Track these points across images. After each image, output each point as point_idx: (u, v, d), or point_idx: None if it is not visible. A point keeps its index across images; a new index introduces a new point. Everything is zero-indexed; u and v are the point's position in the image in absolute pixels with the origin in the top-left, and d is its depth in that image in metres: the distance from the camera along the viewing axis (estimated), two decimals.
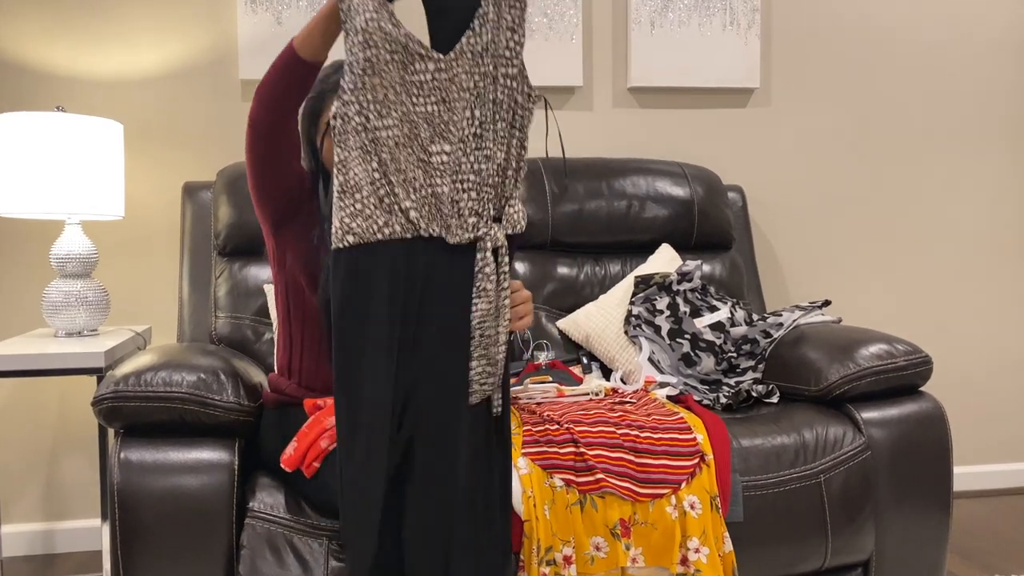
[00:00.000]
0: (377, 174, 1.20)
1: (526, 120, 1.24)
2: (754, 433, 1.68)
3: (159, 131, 2.34)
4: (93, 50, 2.30)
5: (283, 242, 1.51)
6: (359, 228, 1.20)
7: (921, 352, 1.80)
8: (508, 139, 1.23)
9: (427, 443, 1.21)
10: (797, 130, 2.69)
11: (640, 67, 2.54)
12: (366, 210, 1.20)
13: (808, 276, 2.72)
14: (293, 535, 1.44)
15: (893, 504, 1.70)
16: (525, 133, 1.23)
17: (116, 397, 1.44)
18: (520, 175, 1.24)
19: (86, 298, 1.99)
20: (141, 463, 1.43)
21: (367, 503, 1.19)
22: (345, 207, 1.20)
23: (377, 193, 1.20)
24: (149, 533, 1.40)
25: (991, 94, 2.80)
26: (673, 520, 1.50)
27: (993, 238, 2.84)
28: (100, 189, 1.98)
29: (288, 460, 1.42)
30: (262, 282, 2.07)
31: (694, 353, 1.97)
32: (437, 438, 1.21)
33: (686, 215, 2.31)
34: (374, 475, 1.19)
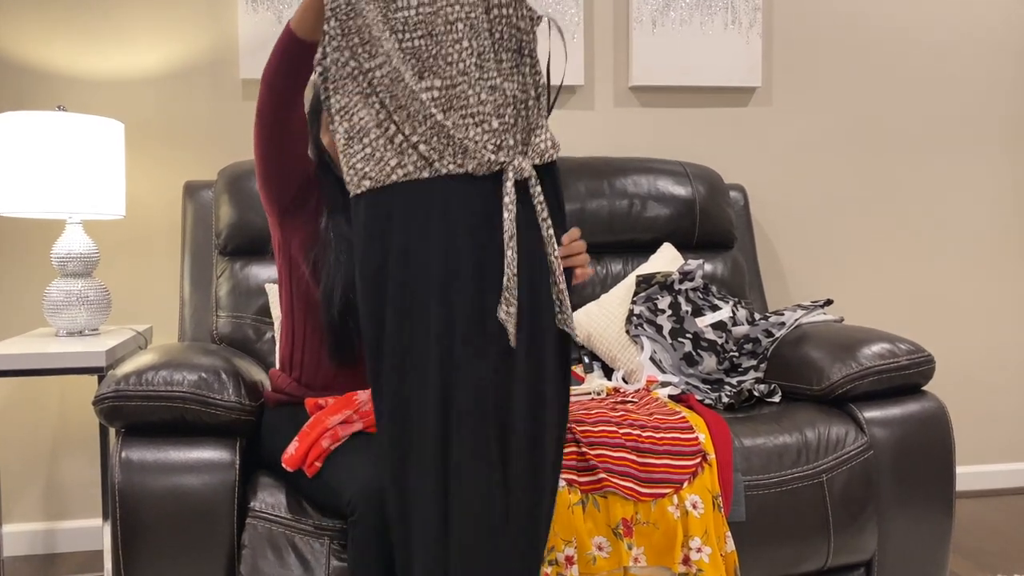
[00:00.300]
0: (382, 115, 1.18)
1: (533, 45, 1.19)
2: (756, 432, 1.68)
3: (160, 130, 2.34)
4: (94, 49, 2.30)
5: (288, 232, 1.51)
6: (373, 172, 1.17)
7: (923, 351, 1.79)
8: (518, 67, 1.19)
9: (465, 391, 1.17)
10: (799, 129, 2.69)
11: (642, 66, 2.54)
12: (376, 152, 1.17)
13: (810, 275, 2.71)
14: (294, 535, 1.43)
15: (895, 504, 1.70)
16: (536, 58, 1.18)
17: (117, 396, 1.44)
18: (542, 102, 1.19)
19: (87, 297, 1.99)
20: (142, 462, 1.42)
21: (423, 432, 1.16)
22: (355, 152, 1.18)
23: (386, 134, 1.17)
24: (150, 533, 1.40)
25: (993, 93, 2.80)
26: (675, 520, 1.49)
27: (995, 237, 2.83)
28: (101, 188, 1.97)
29: (289, 460, 1.42)
30: (263, 281, 2.07)
31: (696, 352, 1.97)
32: (475, 382, 1.17)
33: (688, 214, 2.30)
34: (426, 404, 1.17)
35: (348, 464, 1.36)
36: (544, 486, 1.26)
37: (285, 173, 1.45)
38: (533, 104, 1.20)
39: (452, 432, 1.17)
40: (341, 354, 1.49)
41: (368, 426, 1.43)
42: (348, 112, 1.19)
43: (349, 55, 1.18)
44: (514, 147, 1.18)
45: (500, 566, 1.20)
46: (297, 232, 1.50)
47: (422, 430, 1.18)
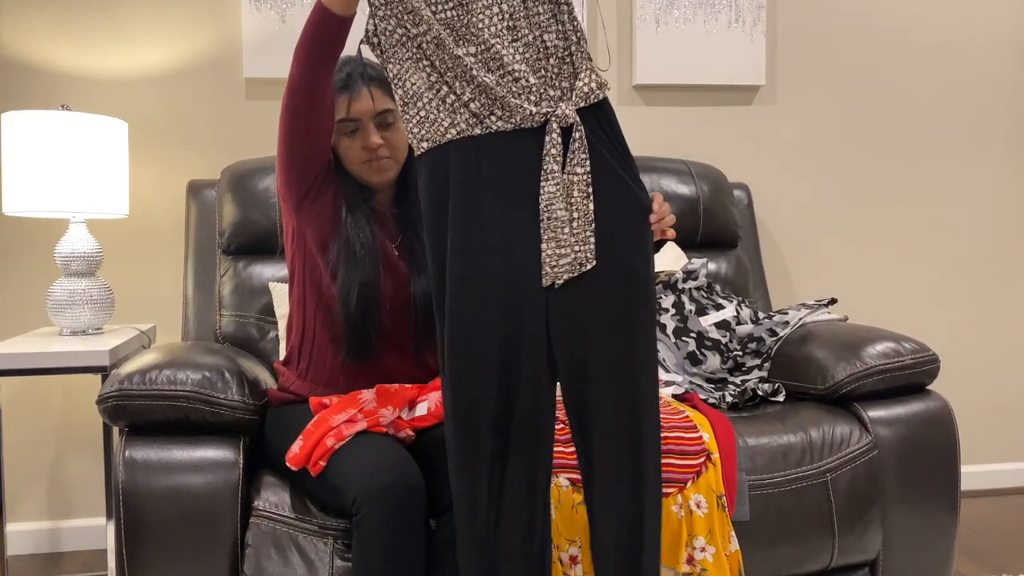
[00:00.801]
0: (433, 77, 1.22)
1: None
2: (760, 432, 1.67)
3: (163, 129, 2.34)
4: (98, 49, 2.30)
5: (304, 222, 1.49)
6: (429, 133, 1.22)
7: (928, 351, 1.79)
8: (555, 16, 1.22)
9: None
10: (803, 128, 2.68)
11: (645, 65, 2.53)
12: (431, 115, 1.22)
13: (814, 274, 2.71)
14: (298, 534, 1.43)
15: (900, 503, 1.69)
16: (571, 5, 1.22)
17: (121, 395, 1.44)
18: (583, 45, 1.22)
19: (91, 296, 1.99)
20: (146, 462, 1.42)
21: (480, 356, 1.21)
22: (411, 117, 1.23)
23: (439, 95, 1.22)
24: (154, 532, 1.40)
25: (998, 92, 2.79)
26: (679, 519, 1.49)
27: (1000, 235, 2.82)
28: (104, 188, 1.97)
29: (294, 459, 1.42)
30: (267, 280, 2.07)
31: (700, 352, 1.96)
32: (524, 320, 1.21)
33: (691, 213, 2.30)
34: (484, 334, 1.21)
35: (352, 463, 1.35)
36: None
37: (309, 155, 1.44)
38: (576, 49, 1.22)
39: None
40: (356, 351, 1.49)
41: (372, 425, 1.43)
42: (401, 79, 1.24)
43: (396, 23, 1.22)
44: (557, 96, 1.22)
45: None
46: (312, 223, 1.49)
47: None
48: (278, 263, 2.09)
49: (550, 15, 1.22)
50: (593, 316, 1.21)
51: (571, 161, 1.20)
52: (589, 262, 1.21)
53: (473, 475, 1.22)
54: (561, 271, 1.20)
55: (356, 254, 1.47)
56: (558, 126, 1.19)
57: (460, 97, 1.21)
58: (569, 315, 1.21)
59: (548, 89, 1.21)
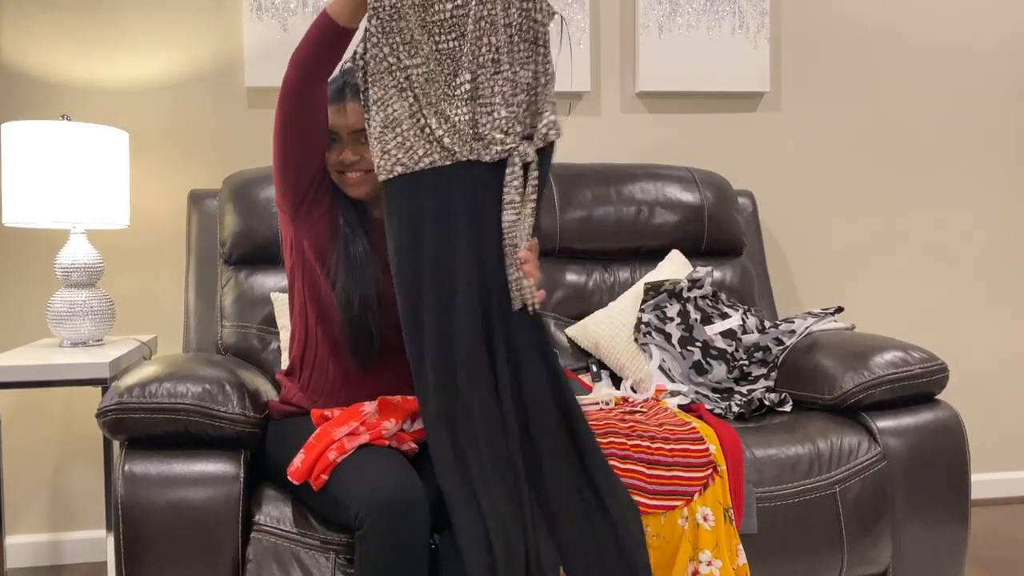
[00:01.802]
0: (414, 107, 1.32)
1: (547, 36, 1.33)
2: (768, 443, 1.66)
3: (165, 139, 2.33)
4: (99, 59, 2.29)
5: (301, 231, 1.48)
6: (405, 159, 1.32)
7: (937, 360, 1.77)
8: (532, 56, 1.32)
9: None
10: (808, 134, 2.67)
11: (648, 72, 2.52)
12: (407, 142, 1.32)
13: (820, 281, 2.69)
14: (300, 549, 1.41)
15: (910, 515, 1.67)
16: (548, 48, 1.33)
17: (120, 409, 1.43)
18: (549, 87, 1.33)
19: (91, 308, 1.98)
20: (146, 476, 1.41)
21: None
22: (389, 140, 1.32)
23: (417, 125, 1.32)
24: (154, 547, 1.38)
25: (1004, 97, 2.77)
26: (685, 532, 1.47)
27: (1007, 241, 2.80)
28: (105, 198, 1.96)
29: (295, 472, 1.40)
30: (268, 290, 2.06)
31: (705, 361, 1.94)
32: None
33: (696, 221, 2.28)
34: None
35: (355, 477, 1.34)
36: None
37: (302, 159, 1.43)
38: (542, 90, 1.34)
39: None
40: (361, 352, 1.48)
41: (375, 438, 1.42)
42: (384, 103, 1.33)
43: (388, 51, 1.32)
44: (520, 132, 1.33)
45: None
46: (310, 232, 1.48)
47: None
48: (280, 273, 2.07)
49: (528, 54, 1.32)
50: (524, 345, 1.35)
51: (528, 195, 1.32)
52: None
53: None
54: (524, 294, 1.33)
55: (355, 262, 1.46)
56: (520, 162, 1.31)
57: (435, 132, 1.32)
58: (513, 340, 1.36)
59: (515, 124, 1.32)
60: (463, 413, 1.32)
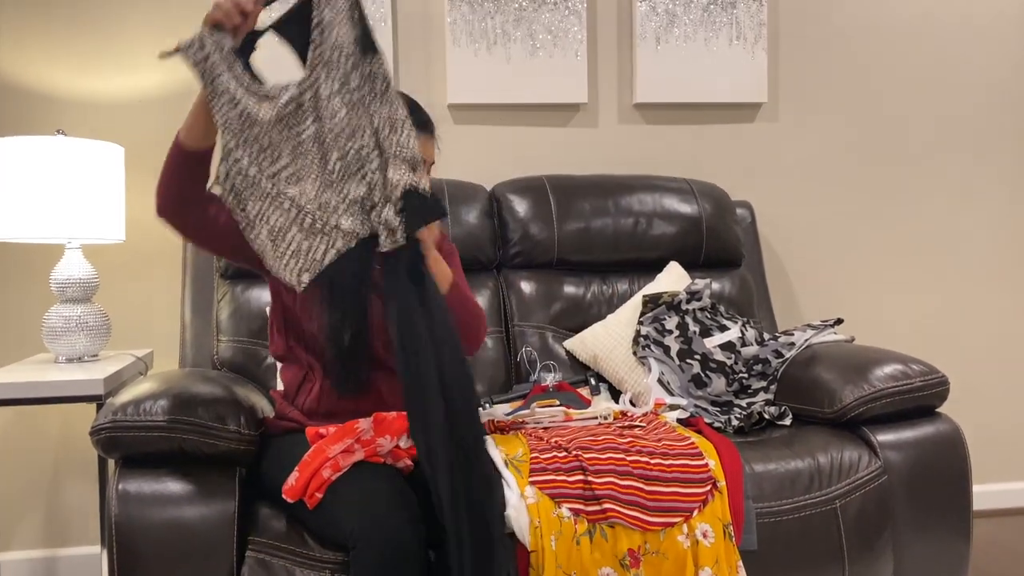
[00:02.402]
0: (294, 210, 1.28)
1: (388, 79, 1.30)
2: (767, 458, 1.64)
3: (161, 153, 2.28)
4: (94, 73, 2.29)
5: (276, 282, 1.51)
6: (306, 263, 1.29)
7: (937, 372, 1.76)
8: (368, 122, 1.29)
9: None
10: (806, 144, 2.66)
11: (646, 83, 2.52)
12: (301, 246, 1.28)
13: (820, 293, 2.68)
14: (295, 567, 1.40)
15: (911, 530, 1.66)
16: (388, 99, 1.29)
17: (114, 427, 1.41)
18: (399, 137, 1.30)
19: (86, 323, 1.97)
20: (140, 494, 1.40)
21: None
22: (284, 252, 1.29)
23: (305, 225, 1.28)
24: (148, 566, 1.37)
25: (1000, 106, 2.77)
26: (685, 549, 1.46)
27: (1007, 250, 2.79)
28: (101, 213, 1.95)
29: (290, 490, 1.39)
30: (264, 305, 2.05)
31: (704, 374, 1.93)
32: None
33: (694, 232, 2.27)
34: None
35: (350, 494, 1.33)
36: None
37: (235, 252, 1.45)
38: (389, 142, 1.31)
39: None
40: (347, 386, 1.46)
41: (370, 455, 1.40)
42: (264, 216, 1.30)
43: (247, 163, 1.29)
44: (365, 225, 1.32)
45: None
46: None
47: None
48: None
49: (390, 129, 1.29)
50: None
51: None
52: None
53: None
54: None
55: (337, 295, 1.42)
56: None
57: (328, 222, 1.28)
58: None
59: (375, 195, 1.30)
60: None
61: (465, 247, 2.16)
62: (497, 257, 2.24)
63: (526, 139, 2.50)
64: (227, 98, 1.29)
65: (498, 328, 2.15)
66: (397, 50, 2.42)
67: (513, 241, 2.22)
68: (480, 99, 2.43)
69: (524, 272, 2.23)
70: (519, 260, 2.22)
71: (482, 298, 2.17)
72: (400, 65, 2.43)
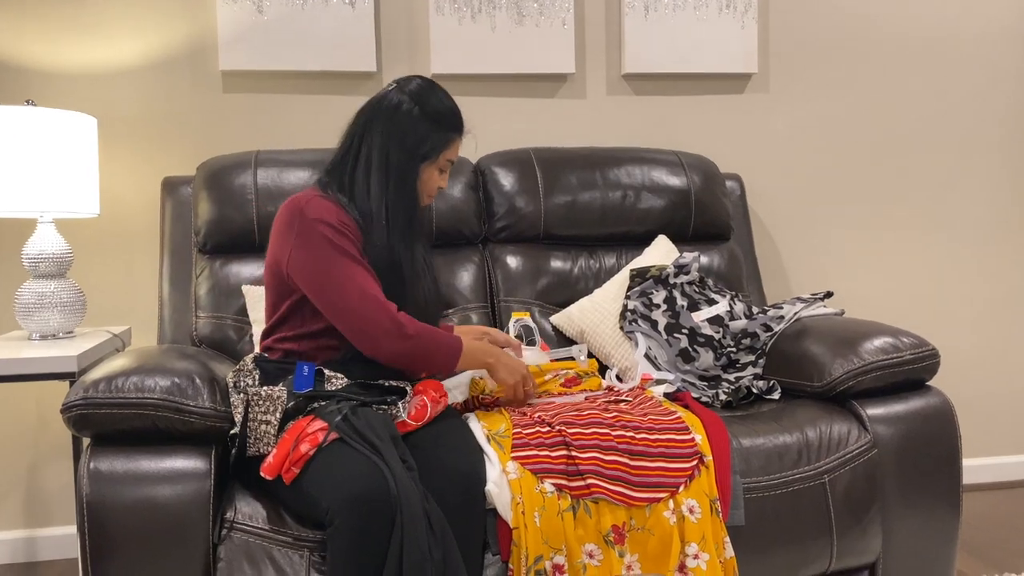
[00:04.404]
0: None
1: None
2: (755, 432, 1.62)
3: (136, 125, 2.26)
4: (65, 42, 2.22)
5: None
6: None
7: (928, 345, 1.73)
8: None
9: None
10: (797, 116, 2.62)
11: (634, 53, 2.47)
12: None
13: (809, 266, 2.65)
14: (273, 547, 1.37)
15: (901, 504, 1.64)
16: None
17: (86, 404, 1.38)
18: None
19: (60, 299, 1.92)
20: (112, 473, 1.36)
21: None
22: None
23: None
24: (121, 547, 1.34)
25: (997, 80, 2.73)
26: (671, 525, 1.43)
27: (998, 223, 2.77)
28: (74, 186, 1.90)
29: (268, 467, 1.36)
30: (244, 280, 2.00)
31: (692, 348, 1.90)
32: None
33: (683, 205, 2.24)
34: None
35: (327, 471, 1.30)
36: None
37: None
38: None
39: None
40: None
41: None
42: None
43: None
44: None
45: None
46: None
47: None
48: (256, 261, 2.02)
49: None
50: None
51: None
52: None
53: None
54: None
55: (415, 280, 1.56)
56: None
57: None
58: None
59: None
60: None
61: (449, 221, 2.13)
62: (482, 231, 2.20)
63: (512, 110, 2.46)
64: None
65: (483, 304, 2.11)
66: (378, 18, 2.36)
67: (499, 215, 2.18)
68: (464, 69, 2.38)
69: (510, 247, 2.19)
70: (505, 234, 2.18)
71: (467, 273, 2.13)
72: (382, 34, 2.37)
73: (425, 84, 1.57)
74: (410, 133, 1.53)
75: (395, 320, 1.44)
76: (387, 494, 1.26)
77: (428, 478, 1.35)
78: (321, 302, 1.46)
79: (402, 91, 1.55)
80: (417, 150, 1.54)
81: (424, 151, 1.54)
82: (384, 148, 1.52)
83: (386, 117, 1.53)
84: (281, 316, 1.53)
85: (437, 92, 1.57)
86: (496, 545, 1.39)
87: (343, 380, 1.46)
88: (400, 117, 1.53)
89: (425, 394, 1.49)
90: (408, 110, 1.53)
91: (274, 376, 1.47)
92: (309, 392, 1.43)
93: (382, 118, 1.54)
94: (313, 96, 2.34)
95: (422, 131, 1.54)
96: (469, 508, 1.37)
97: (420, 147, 1.54)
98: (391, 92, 1.56)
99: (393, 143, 1.52)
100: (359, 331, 1.44)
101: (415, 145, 1.53)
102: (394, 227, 1.52)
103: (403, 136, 1.52)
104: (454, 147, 1.59)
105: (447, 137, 1.56)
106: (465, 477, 1.38)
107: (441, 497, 1.34)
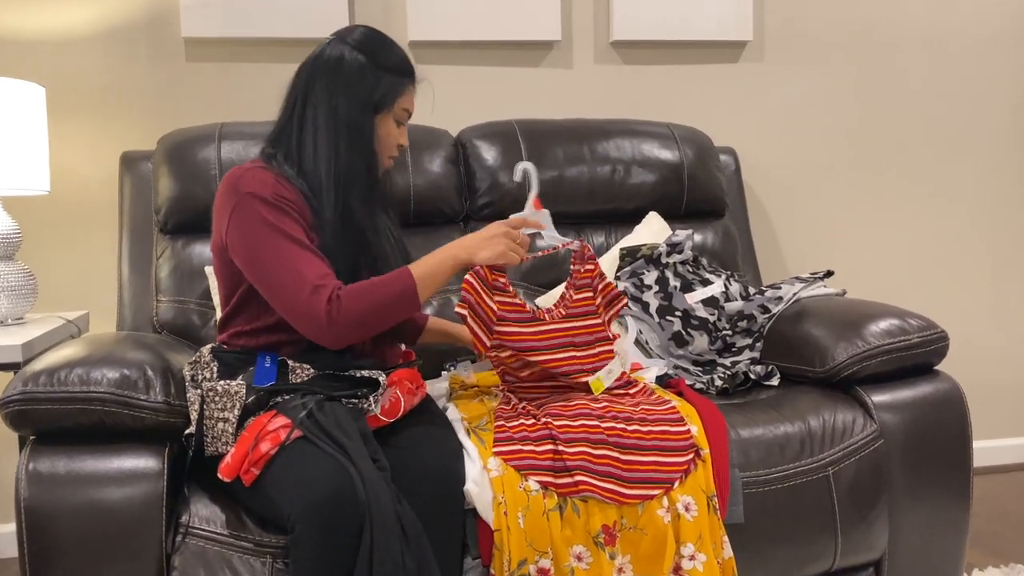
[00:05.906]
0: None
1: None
2: (754, 422, 1.52)
3: (91, 96, 2.13)
4: (10, 6, 2.07)
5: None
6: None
7: (936, 327, 1.64)
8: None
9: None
10: (794, 87, 2.53)
11: (624, 19, 2.37)
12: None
13: (808, 244, 2.57)
14: (232, 553, 1.27)
15: (908, 496, 1.55)
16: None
17: (24, 399, 1.27)
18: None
19: (8, 283, 1.80)
20: (53, 475, 1.25)
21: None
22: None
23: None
24: (65, 555, 1.23)
25: (994, 51, 2.65)
26: (665, 524, 1.33)
27: (1001, 200, 2.70)
28: (20, 161, 1.77)
29: (226, 468, 1.24)
30: (208, 261, 1.88)
31: (686, 331, 1.80)
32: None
33: (675, 180, 2.15)
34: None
35: (290, 473, 1.20)
36: None
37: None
38: None
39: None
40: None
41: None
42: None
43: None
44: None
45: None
46: None
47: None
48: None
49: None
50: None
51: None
52: None
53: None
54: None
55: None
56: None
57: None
58: None
59: None
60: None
61: (428, 198, 2.03)
62: (464, 209, 2.09)
63: (494, 80, 2.35)
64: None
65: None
66: None
67: (481, 191, 2.08)
68: (444, 36, 2.27)
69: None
70: (488, 211, 2.08)
71: None
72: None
73: (368, 31, 1.44)
74: (359, 83, 1.39)
75: (330, 301, 1.27)
76: (354, 497, 1.15)
77: (402, 477, 1.24)
78: (261, 288, 1.33)
79: (343, 41, 1.41)
80: (369, 99, 1.39)
81: (376, 99, 1.40)
82: (332, 104, 1.38)
83: (330, 70, 1.39)
84: (234, 307, 1.40)
85: (383, 39, 1.43)
86: (476, 549, 1.29)
87: (309, 371, 1.35)
88: (345, 68, 1.39)
89: (399, 386, 1.38)
90: (352, 59, 1.39)
91: (234, 368, 1.35)
92: (271, 386, 1.31)
93: (325, 73, 1.39)
94: (282, 65, 2.21)
95: (372, 79, 1.39)
96: (446, 509, 1.27)
97: (371, 95, 1.39)
98: (331, 44, 1.42)
99: (340, 97, 1.38)
100: (300, 318, 1.29)
101: (366, 94, 1.39)
102: (351, 191, 1.38)
103: (351, 87, 1.38)
104: (409, 95, 1.44)
105: (400, 82, 1.42)
106: (442, 476, 1.28)
107: (416, 498, 1.23)
